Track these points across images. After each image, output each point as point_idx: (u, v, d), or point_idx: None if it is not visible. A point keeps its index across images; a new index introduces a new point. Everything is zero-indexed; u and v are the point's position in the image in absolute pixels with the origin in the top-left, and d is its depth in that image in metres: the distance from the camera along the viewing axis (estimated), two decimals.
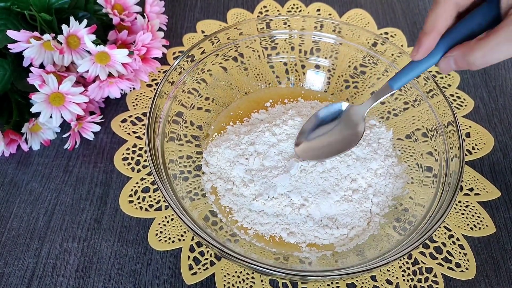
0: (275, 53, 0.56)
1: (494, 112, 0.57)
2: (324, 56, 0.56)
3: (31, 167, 0.51)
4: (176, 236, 0.46)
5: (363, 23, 0.67)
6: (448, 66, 0.33)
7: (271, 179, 0.45)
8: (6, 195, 0.49)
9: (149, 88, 0.58)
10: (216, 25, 0.66)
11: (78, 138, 0.51)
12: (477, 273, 0.44)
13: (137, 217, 0.47)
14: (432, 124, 0.47)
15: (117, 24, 0.53)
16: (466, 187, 0.50)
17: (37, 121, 0.48)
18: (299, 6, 0.69)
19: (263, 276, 0.44)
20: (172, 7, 0.68)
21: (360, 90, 0.55)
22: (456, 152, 0.42)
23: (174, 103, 0.48)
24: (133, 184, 0.49)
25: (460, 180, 0.40)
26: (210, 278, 0.43)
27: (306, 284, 0.43)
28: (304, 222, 0.44)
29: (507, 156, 0.53)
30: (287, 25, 0.54)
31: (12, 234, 0.46)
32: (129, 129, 0.54)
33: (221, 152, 0.48)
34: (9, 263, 0.44)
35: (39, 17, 0.49)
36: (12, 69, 0.49)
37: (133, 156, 0.52)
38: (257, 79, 0.56)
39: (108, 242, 0.46)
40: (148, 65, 0.53)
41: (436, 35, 0.33)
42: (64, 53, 0.47)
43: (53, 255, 0.45)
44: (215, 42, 0.52)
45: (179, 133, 0.49)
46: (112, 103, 0.56)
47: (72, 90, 0.47)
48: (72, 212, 0.48)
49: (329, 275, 0.36)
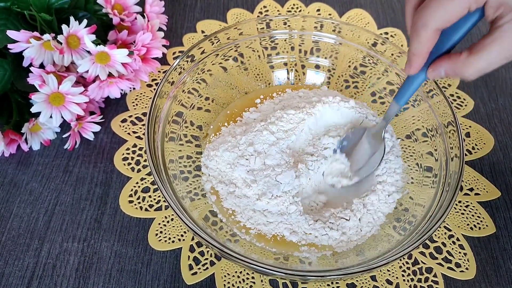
0: (275, 53, 0.56)
1: (494, 112, 0.57)
2: (324, 56, 0.56)
3: (31, 167, 0.51)
4: (176, 236, 0.46)
5: (363, 23, 0.67)
6: (437, 75, 0.34)
7: (275, 177, 0.45)
8: (6, 195, 0.49)
9: (149, 88, 0.58)
10: (216, 25, 0.66)
11: (78, 138, 0.51)
12: (477, 273, 0.44)
13: (137, 217, 0.47)
14: (432, 124, 0.47)
15: (117, 24, 0.53)
16: (466, 187, 0.50)
17: (37, 121, 0.48)
18: (299, 6, 0.69)
19: (263, 276, 0.44)
20: (172, 7, 0.68)
21: (360, 90, 0.55)
22: (456, 152, 0.42)
23: (174, 103, 0.48)
24: (133, 184, 0.49)
25: (460, 180, 0.40)
26: (210, 278, 0.43)
27: (306, 284, 0.43)
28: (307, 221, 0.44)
29: (507, 156, 0.53)
30: (287, 25, 0.54)
31: (12, 234, 0.46)
32: (129, 129, 0.54)
33: (219, 155, 0.47)
34: (9, 263, 0.44)
35: (39, 17, 0.49)
36: (12, 69, 0.49)
37: (133, 156, 0.52)
38: (257, 79, 0.56)
39: (108, 242, 0.46)
40: (148, 65, 0.53)
41: (425, 55, 0.33)
42: (64, 53, 0.47)
43: (53, 255, 0.45)
44: (215, 42, 0.52)
45: (179, 133, 0.48)
46: (112, 103, 0.56)
47: (72, 90, 0.47)
48: (72, 212, 0.48)
49: (329, 275, 0.36)
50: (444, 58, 0.33)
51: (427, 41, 0.32)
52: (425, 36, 0.31)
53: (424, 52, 0.33)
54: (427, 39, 0.32)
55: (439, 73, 0.33)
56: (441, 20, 0.31)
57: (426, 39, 0.32)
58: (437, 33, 0.32)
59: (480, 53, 0.31)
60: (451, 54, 0.33)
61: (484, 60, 0.31)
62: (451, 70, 0.33)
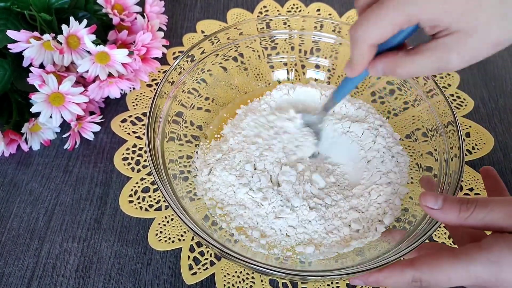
0: (275, 53, 0.56)
1: (494, 112, 0.57)
2: (324, 56, 0.56)
3: (31, 167, 0.51)
4: (176, 236, 0.46)
5: None
6: (376, 73, 0.34)
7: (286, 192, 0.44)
8: (6, 195, 0.49)
9: (149, 88, 0.58)
10: (216, 25, 0.66)
11: (78, 138, 0.51)
12: None
13: (137, 217, 0.47)
14: (432, 124, 0.47)
15: (117, 24, 0.53)
16: (466, 187, 0.50)
17: (37, 121, 0.48)
18: (299, 6, 0.69)
19: (263, 276, 0.44)
20: (172, 7, 0.68)
21: (360, 90, 0.55)
22: (456, 152, 0.42)
23: (174, 103, 0.48)
24: (133, 184, 0.49)
25: (460, 180, 0.40)
26: (210, 278, 0.43)
27: (306, 284, 0.43)
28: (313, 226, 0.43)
29: (507, 156, 0.53)
30: (287, 25, 0.54)
31: (12, 234, 0.46)
32: (129, 129, 0.54)
33: (218, 175, 0.45)
34: (9, 263, 0.44)
35: (39, 17, 0.49)
36: (12, 69, 0.49)
37: (133, 156, 0.52)
38: (257, 79, 0.56)
39: (108, 242, 0.46)
40: (148, 65, 0.53)
41: (365, 64, 0.34)
42: (64, 53, 0.47)
43: (53, 255, 0.45)
44: (215, 42, 0.52)
45: (179, 133, 0.48)
46: (112, 103, 0.56)
47: (72, 90, 0.47)
48: (72, 212, 0.48)
49: (329, 275, 0.36)
50: (382, 56, 0.34)
51: (365, 53, 0.33)
52: (363, 50, 0.32)
53: (364, 62, 0.34)
54: (365, 52, 0.33)
55: (377, 71, 0.34)
56: (374, 37, 0.31)
57: (364, 52, 0.32)
58: (373, 47, 0.32)
59: (414, 57, 0.31)
60: (389, 52, 0.33)
61: (416, 65, 0.32)
62: (387, 68, 0.33)
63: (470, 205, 0.32)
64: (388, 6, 0.30)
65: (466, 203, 0.32)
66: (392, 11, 0.30)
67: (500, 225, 0.31)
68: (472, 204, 0.32)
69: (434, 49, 0.30)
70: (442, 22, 0.29)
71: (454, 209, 0.33)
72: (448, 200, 0.33)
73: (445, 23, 0.29)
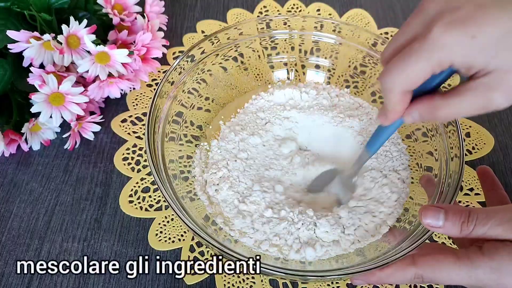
0: (275, 53, 0.56)
1: (494, 112, 0.57)
2: (324, 56, 0.56)
3: (31, 167, 0.51)
4: (176, 236, 0.46)
5: (363, 23, 0.67)
6: (412, 120, 0.33)
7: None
8: (6, 195, 0.49)
9: (149, 88, 0.58)
10: (216, 25, 0.66)
11: (78, 138, 0.51)
12: None
13: (137, 217, 0.47)
14: (432, 124, 0.47)
15: (117, 24, 0.53)
16: (466, 187, 0.50)
17: (37, 121, 0.48)
18: (299, 6, 0.69)
19: (263, 276, 0.43)
20: (172, 7, 0.68)
21: (360, 90, 0.55)
22: (456, 152, 0.42)
23: (174, 103, 0.48)
24: (133, 184, 0.49)
25: (460, 180, 0.40)
26: (210, 278, 0.43)
27: (306, 284, 0.43)
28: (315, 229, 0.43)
29: (507, 156, 0.53)
30: (287, 25, 0.54)
31: (12, 234, 0.46)
32: (129, 129, 0.54)
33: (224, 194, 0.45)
34: (9, 263, 0.44)
35: (39, 17, 0.49)
36: (12, 69, 0.49)
37: (133, 156, 0.52)
38: (257, 79, 0.56)
39: (108, 242, 0.46)
40: (148, 65, 0.53)
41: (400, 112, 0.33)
42: (64, 53, 0.47)
43: (53, 255, 0.45)
44: (215, 42, 0.52)
45: (179, 133, 0.48)
46: (112, 103, 0.56)
47: (72, 90, 0.47)
48: (72, 212, 0.48)
49: (329, 275, 0.36)
50: (417, 102, 0.32)
51: (399, 102, 0.32)
52: (396, 98, 0.31)
53: (399, 110, 0.33)
54: (399, 100, 0.32)
55: (413, 118, 0.33)
56: (405, 84, 0.30)
57: (398, 100, 0.32)
58: (407, 93, 0.31)
59: (454, 100, 0.30)
60: (424, 97, 0.32)
61: (458, 107, 0.30)
62: (424, 113, 0.32)
63: (471, 223, 0.33)
64: (417, 52, 0.29)
65: (466, 222, 0.33)
66: (420, 57, 0.29)
67: (500, 238, 0.33)
68: (472, 222, 0.33)
69: (475, 89, 0.29)
70: (477, 63, 0.28)
71: (455, 229, 0.34)
72: (449, 217, 0.34)
73: (480, 63, 0.28)
